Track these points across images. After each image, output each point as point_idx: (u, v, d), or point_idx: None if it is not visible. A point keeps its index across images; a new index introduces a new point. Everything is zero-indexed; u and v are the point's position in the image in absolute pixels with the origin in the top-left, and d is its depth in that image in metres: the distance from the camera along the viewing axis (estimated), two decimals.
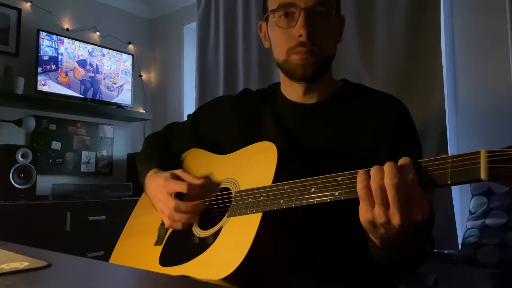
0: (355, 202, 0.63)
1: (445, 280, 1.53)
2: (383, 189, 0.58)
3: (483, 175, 0.51)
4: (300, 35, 0.84)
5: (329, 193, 0.65)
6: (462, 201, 2.04)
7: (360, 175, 0.61)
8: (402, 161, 0.59)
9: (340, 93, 0.95)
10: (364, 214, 0.61)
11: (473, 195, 1.88)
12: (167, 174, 0.91)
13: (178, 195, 0.88)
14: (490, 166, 0.51)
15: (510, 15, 1.91)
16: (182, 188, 0.86)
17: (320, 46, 0.86)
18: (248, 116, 0.99)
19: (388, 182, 0.57)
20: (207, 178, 0.92)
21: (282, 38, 0.88)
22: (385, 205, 0.59)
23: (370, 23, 2.22)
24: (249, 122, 0.98)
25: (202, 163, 0.99)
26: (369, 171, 0.61)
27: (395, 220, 0.58)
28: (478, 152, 0.53)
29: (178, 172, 0.92)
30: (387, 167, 0.58)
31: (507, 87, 1.92)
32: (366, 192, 0.60)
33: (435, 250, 1.93)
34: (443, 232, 1.86)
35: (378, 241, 0.66)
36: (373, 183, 0.59)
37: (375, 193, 0.59)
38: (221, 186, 0.89)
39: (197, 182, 0.87)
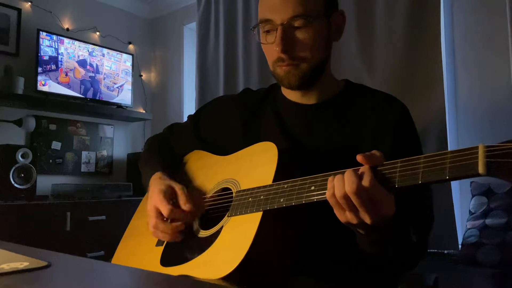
0: None
1: (445, 280, 1.53)
2: (347, 197, 0.62)
3: (481, 169, 0.52)
4: (277, 51, 0.85)
5: None
6: (462, 201, 2.04)
7: (329, 182, 0.65)
8: (362, 169, 0.63)
9: (341, 93, 0.95)
10: (339, 217, 0.66)
11: (473, 195, 1.88)
12: (163, 186, 0.89)
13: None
14: (488, 160, 0.51)
15: (510, 15, 1.91)
16: (164, 212, 0.85)
17: (301, 58, 0.86)
18: (249, 116, 0.99)
19: (349, 190, 0.61)
20: (209, 183, 0.92)
21: (266, 52, 0.91)
22: (354, 210, 0.63)
23: (370, 23, 2.22)
24: (250, 122, 0.98)
25: (203, 165, 0.99)
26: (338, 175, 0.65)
27: (367, 220, 0.63)
28: (476, 147, 0.53)
29: (176, 188, 0.88)
30: (347, 176, 0.62)
31: (507, 87, 1.92)
32: (334, 200, 0.64)
33: (435, 250, 1.93)
34: (443, 232, 1.86)
35: (356, 228, 0.69)
36: (337, 193, 0.63)
37: (341, 202, 0.63)
38: (222, 186, 0.89)
39: (184, 207, 0.85)
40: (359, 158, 0.63)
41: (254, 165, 0.84)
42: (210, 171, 0.95)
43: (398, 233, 0.70)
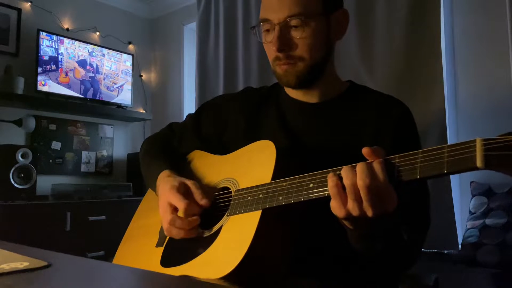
0: None
1: (445, 280, 1.54)
2: (356, 186, 0.62)
3: (479, 163, 0.51)
4: (274, 50, 0.86)
5: (327, 187, 0.66)
6: (462, 201, 2.04)
7: (330, 176, 0.65)
8: (375, 163, 0.62)
9: (344, 93, 0.95)
10: (337, 211, 0.65)
11: (473, 195, 1.88)
12: (176, 182, 0.88)
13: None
14: (486, 154, 0.51)
15: (510, 15, 1.91)
16: (180, 207, 0.84)
17: (298, 57, 0.86)
18: (252, 114, 0.99)
19: (361, 183, 0.61)
20: (208, 183, 0.92)
21: (266, 51, 0.92)
22: (358, 200, 0.62)
23: (370, 23, 2.22)
24: (252, 120, 0.99)
25: (202, 165, 0.99)
26: (339, 171, 0.65)
27: (369, 213, 0.62)
28: (474, 141, 0.53)
29: (189, 183, 0.88)
30: (359, 168, 0.62)
31: (507, 87, 1.92)
32: (337, 190, 0.64)
33: (435, 250, 1.93)
34: (443, 232, 1.86)
35: (348, 223, 0.68)
36: (346, 181, 0.63)
37: (349, 190, 0.62)
38: (221, 185, 0.89)
39: (201, 202, 0.84)
40: (365, 150, 0.63)
41: (253, 164, 0.84)
42: (209, 170, 0.95)
43: (387, 229, 0.70)
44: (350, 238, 0.73)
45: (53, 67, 2.87)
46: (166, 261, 0.86)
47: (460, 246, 1.85)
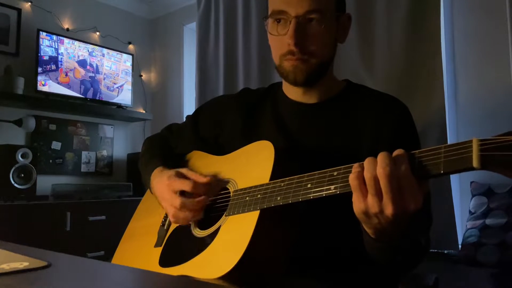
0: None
1: (445, 280, 1.54)
2: (376, 179, 0.59)
3: (475, 163, 0.51)
4: (290, 44, 0.85)
5: (325, 187, 0.65)
6: (462, 201, 2.04)
7: (355, 167, 0.62)
8: (396, 152, 0.60)
9: (342, 93, 0.95)
10: (357, 204, 0.62)
11: (473, 195, 1.88)
12: (171, 172, 0.90)
13: (183, 193, 0.88)
14: (482, 154, 0.51)
15: (510, 15, 1.91)
16: (187, 186, 0.85)
17: (312, 54, 0.86)
18: (249, 115, 1.00)
19: (381, 171, 0.58)
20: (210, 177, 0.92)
21: (275, 44, 0.90)
22: (378, 195, 0.60)
23: (370, 23, 2.22)
24: (250, 121, 0.99)
25: (201, 165, 0.99)
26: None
27: (388, 209, 0.59)
28: (470, 141, 0.53)
29: (183, 170, 0.91)
30: (381, 157, 0.60)
31: (507, 87, 1.92)
32: (358, 182, 0.61)
33: (435, 250, 1.93)
34: (443, 232, 1.86)
35: (371, 231, 0.67)
36: (367, 174, 0.60)
37: (369, 183, 0.60)
38: (220, 186, 0.89)
39: (203, 180, 0.86)
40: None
41: (251, 164, 0.84)
42: (208, 171, 0.95)
43: (410, 241, 0.70)
44: (367, 247, 0.72)
45: (53, 67, 2.87)
46: (165, 261, 0.87)
47: (460, 246, 1.85)
